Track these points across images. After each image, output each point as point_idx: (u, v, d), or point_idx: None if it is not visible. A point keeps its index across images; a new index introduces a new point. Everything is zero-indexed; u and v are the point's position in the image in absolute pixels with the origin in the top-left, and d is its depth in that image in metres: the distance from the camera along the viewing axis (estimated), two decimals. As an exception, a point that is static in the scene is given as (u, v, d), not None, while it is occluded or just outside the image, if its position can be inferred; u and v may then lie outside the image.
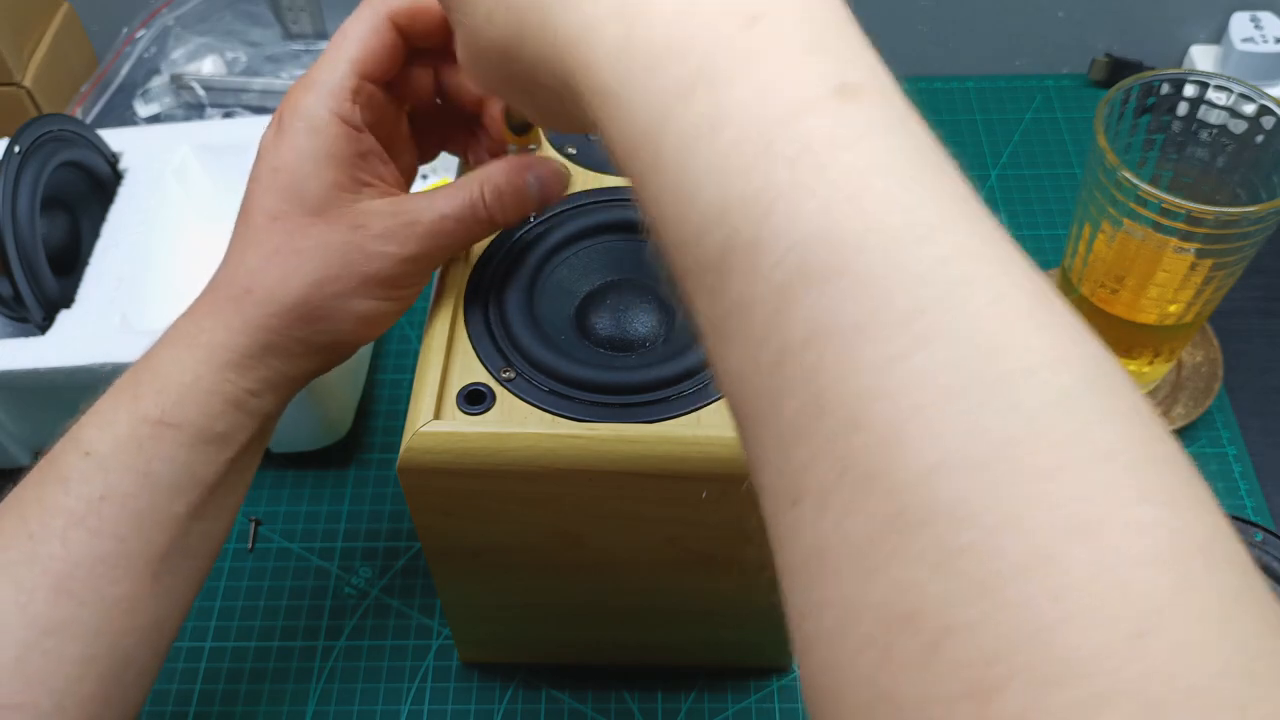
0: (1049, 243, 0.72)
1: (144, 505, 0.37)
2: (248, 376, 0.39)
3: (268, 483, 0.63)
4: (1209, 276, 0.53)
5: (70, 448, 0.38)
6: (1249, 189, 0.54)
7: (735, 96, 0.22)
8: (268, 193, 0.40)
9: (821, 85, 0.22)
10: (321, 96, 0.40)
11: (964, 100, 0.82)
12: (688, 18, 0.23)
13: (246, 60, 0.83)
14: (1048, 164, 0.77)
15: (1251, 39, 0.77)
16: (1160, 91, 0.55)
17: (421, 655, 0.56)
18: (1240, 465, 0.61)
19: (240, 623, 0.57)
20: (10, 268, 0.56)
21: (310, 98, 0.40)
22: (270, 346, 0.40)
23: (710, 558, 0.44)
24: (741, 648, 0.53)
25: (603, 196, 0.46)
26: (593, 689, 0.54)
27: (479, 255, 0.45)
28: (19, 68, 0.76)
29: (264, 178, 0.40)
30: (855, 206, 0.21)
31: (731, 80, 0.22)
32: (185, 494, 0.39)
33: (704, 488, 0.40)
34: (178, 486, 0.38)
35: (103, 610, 0.37)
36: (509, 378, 0.41)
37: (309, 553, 0.60)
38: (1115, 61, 0.82)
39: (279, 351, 0.40)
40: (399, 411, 0.66)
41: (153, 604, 0.38)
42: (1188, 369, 0.64)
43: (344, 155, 0.40)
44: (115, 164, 0.64)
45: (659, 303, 0.44)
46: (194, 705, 0.55)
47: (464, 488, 0.41)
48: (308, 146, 0.39)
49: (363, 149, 0.41)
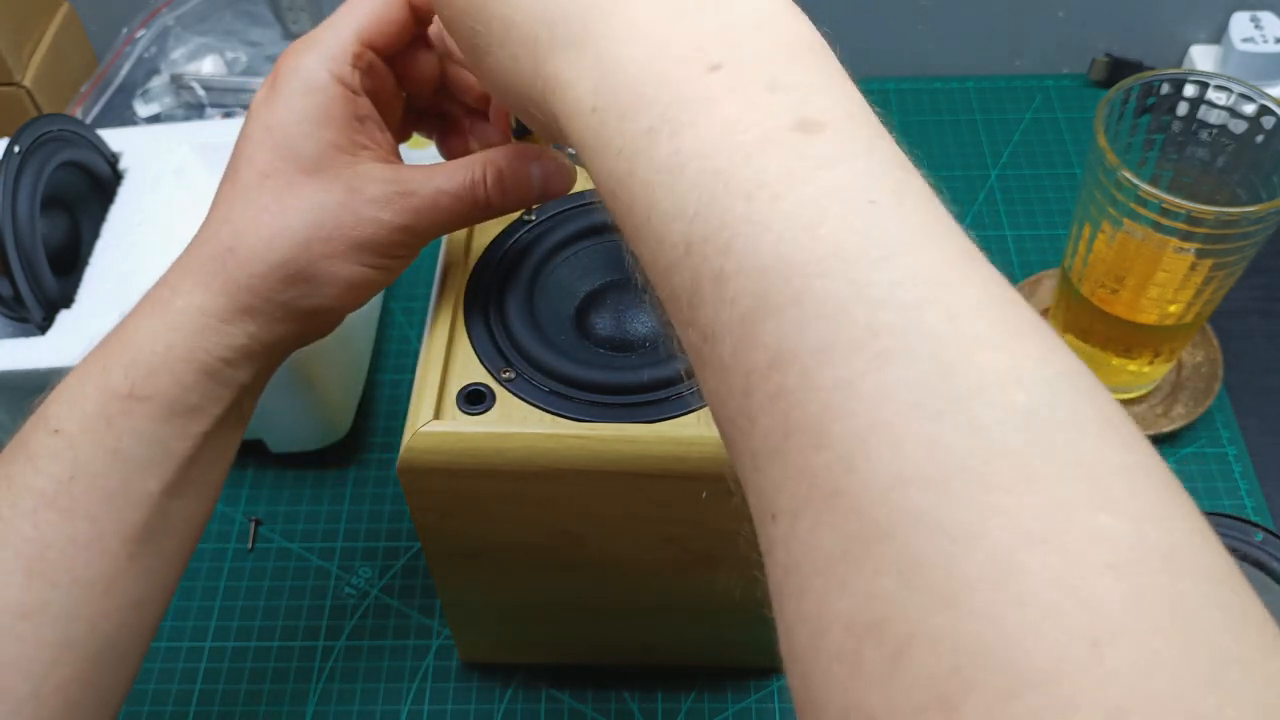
0: (1049, 243, 0.72)
1: (115, 484, 0.37)
2: (222, 343, 0.38)
3: (268, 483, 0.63)
4: (1209, 276, 0.53)
5: (39, 425, 0.37)
6: (1249, 189, 0.54)
7: (694, 139, 0.24)
8: (260, 150, 0.39)
9: (779, 121, 0.23)
10: (321, 57, 0.39)
11: (964, 100, 0.82)
12: (654, 66, 0.25)
13: (246, 60, 0.83)
14: (1048, 164, 0.77)
15: (1251, 39, 0.77)
16: (1160, 91, 0.55)
17: (421, 655, 0.56)
18: (1240, 465, 0.61)
19: (240, 623, 0.57)
20: (10, 268, 0.56)
21: (309, 57, 0.39)
22: (249, 309, 0.38)
23: (710, 558, 0.44)
24: (741, 648, 0.53)
25: (603, 196, 0.46)
26: (593, 689, 0.54)
27: (479, 255, 0.45)
28: (19, 68, 0.76)
29: (256, 135, 0.39)
30: (811, 235, 0.21)
31: (691, 124, 0.24)
32: (158, 470, 0.38)
33: (704, 488, 0.40)
34: (150, 463, 0.37)
35: (78, 592, 0.36)
36: (509, 378, 0.41)
37: (309, 553, 0.60)
38: (1115, 61, 0.82)
39: (258, 315, 0.39)
40: (399, 411, 0.66)
41: (132, 584, 0.37)
42: (1188, 369, 0.64)
43: (340, 117, 0.39)
44: (115, 164, 0.64)
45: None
46: (194, 705, 0.55)
47: (464, 488, 0.41)
48: (303, 105, 0.39)
49: (360, 113, 0.40)
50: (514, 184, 0.40)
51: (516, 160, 0.40)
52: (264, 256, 0.38)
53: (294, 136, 0.39)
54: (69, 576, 0.36)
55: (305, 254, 0.39)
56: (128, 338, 0.38)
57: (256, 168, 0.39)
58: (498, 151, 0.41)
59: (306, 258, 0.39)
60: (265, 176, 0.39)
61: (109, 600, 0.37)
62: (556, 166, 0.41)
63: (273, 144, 0.39)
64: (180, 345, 0.38)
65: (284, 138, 0.39)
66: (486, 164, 0.40)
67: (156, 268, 0.41)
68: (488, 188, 0.40)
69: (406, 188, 0.39)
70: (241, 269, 0.38)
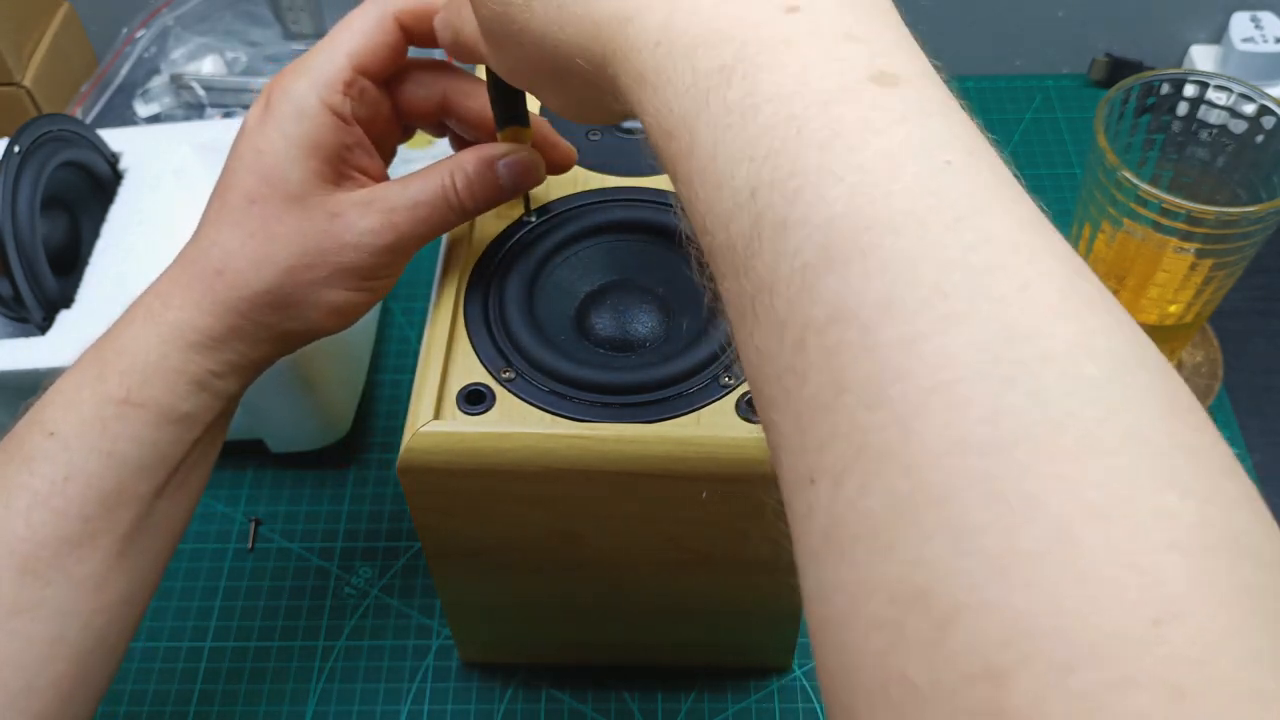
0: (1049, 243, 0.72)
1: (109, 485, 0.37)
2: (213, 358, 0.39)
3: (268, 482, 0.63)
4: (1209, 276, 0.53)
5: (34, 428, 0.38)
6: (1249, 189, 0.54)
7: (770, 82, 0.23)
8: (249, 174, 0.39)
9: (857, 72, 0.22)
10: (313, 84, 0.39)
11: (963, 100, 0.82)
12: (728, 4, 0.24)
13: (246, 60, 0.83)
14: (1048, 164, 0.77)
15: (1251, 39, 0.77)
16: (1160, 91, 0.55)
17: (421, 655, 0.56)
18: (1240, 465, 0.61)
19: (240, 623, 0.57)
20: (10, 268, 0.56)
21: (302, 83, 0.39)
22: (237, 330, 0.39)
23: (710, 558, 0.44)
24: (741, 648, 0.53)
25: (603, 197, 0.46)
26: (593, 689, 0.54)
27: (479, 255, 0.45)
28: (19, 68, 0.76)
29: (246, 157, 0.40)
30: (884, 190, 0.21)
31: (767, 66, 0.23)
32: (150, 473, 0.38)
33: (704, 488, 0.40)
34: (143, 466, 0.38)
35: (71, 590, 0.37)
36: (509, 378, 0.41)
37: (309, 553, 0.60)
38: (1115, 61, 0.82)
39: (245, 336, 0.40)
40: (399, 411, 0.66)
41: (122, 582, 0.38)
42: (1188, 369, 0.64)
43: (329, 145, 0.40)
44: (115, 164, 0.64)
45: (659, 303, 0.44)
46: (194, 705, 0.55)
47: (464, 488, 0.41)
48: (294, 132, 0.39)
49: (349, 141, 0.40)
50: (482, 186, 0.41)
51: (481, 163, 0.41)
52: (251, 283, 0.39)
53: (282, 163, 0.39)
54: (62, 575, 0.37)
55: (290, 281, 0.39)
56: (122, 345, 0.39)
57: (244, 191, 0.39)
58: (464, 155, 0.41)
59: (292, 284, 0.39)
60: (251, 202, 0.39)
61: (100, 597, 0.38)
62: (521, 161, 0.41)
63: (261, 169, 0.39)
64: (174, 357, 0.39)
65: (273, 163, 0.39)
66: (454, 169, 0.41)
67: (156, 268, 0.41)
68: (459, 192, 0.41)
69: (385, 204, 0.40)
70: (230, 292, 0.39)
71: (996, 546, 0.17)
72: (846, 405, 0.20)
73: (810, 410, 0.21)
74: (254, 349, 0.40)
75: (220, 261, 0.39)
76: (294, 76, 0.40)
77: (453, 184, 0.40)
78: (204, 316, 0.39)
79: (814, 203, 0.21)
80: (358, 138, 0.41)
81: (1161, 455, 0.18)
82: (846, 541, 0.20)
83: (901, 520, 0.19)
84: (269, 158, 0.39)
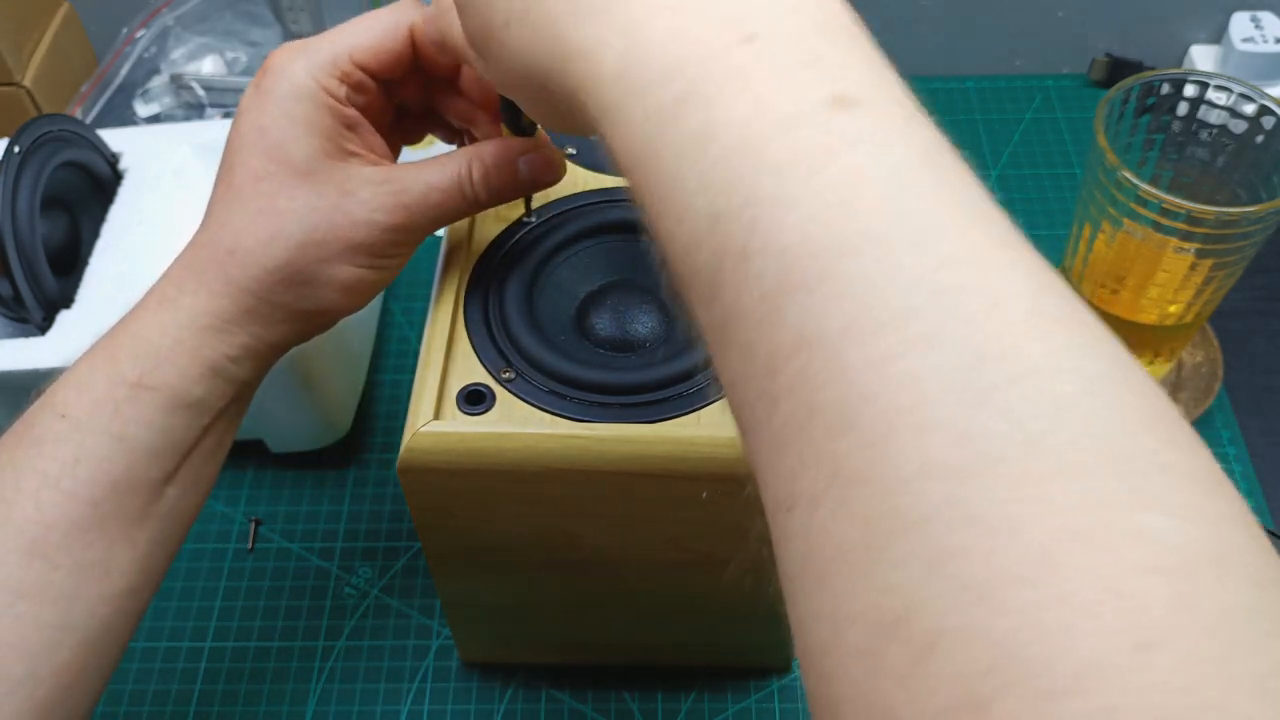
0: (1049, 243, 0.72)
1: (119, 469, 0.37)
2: (228, 341, 0.39)
3: (268, 483, 0.63)
4: (1209, 276, 0.53)
5: (45, 410, 0.38)
6: (1249, 189, 0.54)
7: (726, 111, 0.22)
8: (253, 152, 0.39)
9: (815, 96, 0.22)
10: (309, 65, 0.39)
11: (964, 100, 0.82)
12: (683, 36, 0.24)
13: (246, 60, 0.83)
14: (1048, 164, 0.77)
15: (1251, 39, 0.77)
16: (1160, 91, 0.55)
17: (421, 655, 0.56)
18: (1240, 465, 0.61)
19: (240, 623, 0.57)
20: (10, 268, 0.56)
21: (298, 64, 0.39)
22: (252, 310, 0.39)
23: (710, 558, 0.44)
24: (741, 648, 0.53)
25: (603, 197, 0.46)
26: (593, 689, 0.54)
27: (479, 255, 0.45)
28: (19, 68, 0.76)
29: (248, 135, 0.39)
30: (843, 213, 0.21)
31: (722, 96, 0.23)
32: (161, 459, 0.38)
33: (704, 488, 0.40)
34: (154, 451, 0.38)
35: (78, 575, 0.36)
36: (509, 378, 0.41)
37: (309, 553, 0.60)
38: (1115, 61, 0.82)
39: (260, 316, 0.39)
40: (399, 411, 0.66)
41: (129, 570, 0.38)
42: (1188, 369, 0.64)
43: (327, 125, 0.39)
44: (115, 164, 0.64)
45: (659, 303, 0.44)
46: (194, 705, 0.55)
47: (464, 488, 0.41)
48: (293, 110, 0.39)
49: (348, 120, 0.40)
50: (499, 179, 0.41)
51: (502, 156, 0.41)
52: (263, 260, 0.39)
53: (285, 140, 0.39)
54: (70, 559, 0.36)
55: (301, 257, 0.39)
56: (135, 330, 0.39)
57: (250, 170, 0.39)
58: (484, 146, 0.41)
59: (303, 261, 0.39)
60: (258, 180, 0.39)
61: (107, 584, 0.37)
62: (544, 160, 0.41)
63: (265, 146, 0.39)
64: (188, 341, 0.38)
65: (277, 140, 0.39)
66: (473, 159, 0.40)
67: (156, 268, 0.41)
68: (474, 183, 0.40)
69: (397, 186, 0.40)
70: (242, 271, 0.39)
71: (974, 571, 0.17)
72: (816, 431, 0.20)
73: (784, 436, 0.21)
74: (268, 331, 0.40)
75: (231, 241, 0.39)
76: (291, 55, 0.39)
77: (469, 173, 0.40)
78: (217, 299, 0.39)
79: (771, 231, 0.21)
80: (357, 118, 0.40)
81: (1140, 474, 0.18)
82: (823, 569, 0.19)
83: (874, 545, 0.18)
84: (273, 134, 0.39)
